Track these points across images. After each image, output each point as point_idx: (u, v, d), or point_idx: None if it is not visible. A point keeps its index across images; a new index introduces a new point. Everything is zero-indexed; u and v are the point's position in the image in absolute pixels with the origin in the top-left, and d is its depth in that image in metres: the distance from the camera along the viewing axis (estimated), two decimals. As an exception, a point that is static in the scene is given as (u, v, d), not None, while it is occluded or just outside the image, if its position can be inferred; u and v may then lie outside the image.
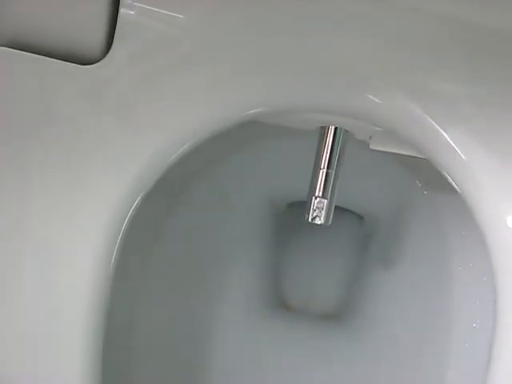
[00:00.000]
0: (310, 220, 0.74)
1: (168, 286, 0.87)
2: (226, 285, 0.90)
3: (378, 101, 0.65)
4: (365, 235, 0.94)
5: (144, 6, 0.67)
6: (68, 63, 0.66)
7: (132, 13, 0.67)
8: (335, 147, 0.74)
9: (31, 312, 0.65)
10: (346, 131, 0.74)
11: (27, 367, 0.65)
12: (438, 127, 0.64)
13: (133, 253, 0.74)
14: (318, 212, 0.73)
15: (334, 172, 0.74)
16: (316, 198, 0.74)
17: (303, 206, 0.94)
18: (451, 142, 0.64)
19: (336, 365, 0.90)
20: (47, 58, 0.66)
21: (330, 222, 0.74)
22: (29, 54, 0.67)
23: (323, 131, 0.74)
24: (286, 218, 0.96)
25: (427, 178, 0.86)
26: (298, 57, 0.66)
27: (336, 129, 0.73)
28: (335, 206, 0.92)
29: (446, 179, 0.67)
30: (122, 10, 0.66)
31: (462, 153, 0.64)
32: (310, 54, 0.66)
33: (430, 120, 0.64)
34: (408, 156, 0.74)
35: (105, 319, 0.65)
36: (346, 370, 0.89)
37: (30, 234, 0.65)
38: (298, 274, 0.95)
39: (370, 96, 0.65)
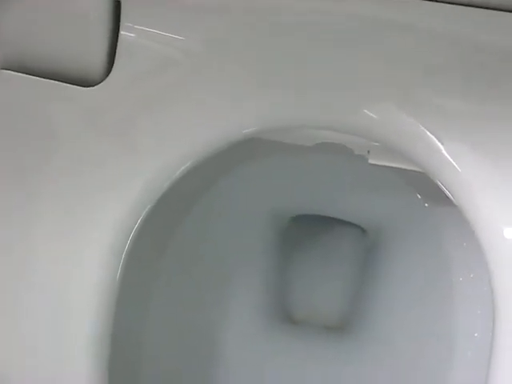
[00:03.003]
0: None
1: (172, 301, 0.88)
2: (231, 299, 0.91)
3: (374, 116, 0.66)
4: (367, 247, 0.95)
5: (144, 28, 0.68)
6: (69, 85, 0.68)
7: (132, 35, 0.68)
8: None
9: (36, 323, 0.66)
10: (345, 146, 0.75)
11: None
12: (433, 140, 0.65)
13: (137, 270, 0.75)
14: None
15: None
16: None
17: (306, 219, 0.96)
18: (447, 155, 0.65)
19: (338, 374, 0.90)
20: (48, 81, 0.68)
21: None
22: (30, 76, 0.68)
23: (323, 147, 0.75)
24: (290, 232, 0.96)
25: (427, 191, 0.87)
26: (294, 75, 0.67)
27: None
28: (337, 220, 0.93)
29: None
30: (122, 33, 0.68)
31: (457, 165, 0.64)
32: (306, 71, 0.67)
33: (426, 133, 0.65)
34: (407, 169, 0.75)
35: (109, 336, 0.66)
36: (348, 379, 0.90)
37: (35, 252, 0.66)
38: (302, 286, 0.95)
39: (366, 111, 0.66)
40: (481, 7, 0.66)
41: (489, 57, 0.66)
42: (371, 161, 0.76)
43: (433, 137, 0.65)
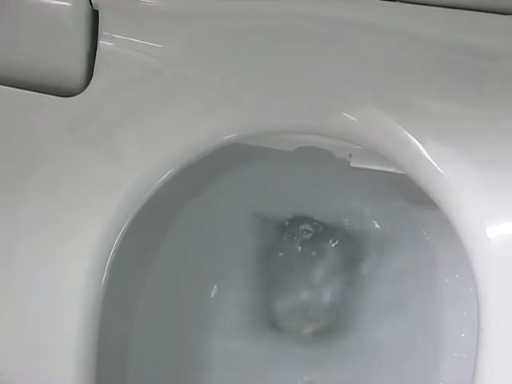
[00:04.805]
0: None
1: (159, 308, 0.89)
2: (216, 306, 0.91)
3: (354, 119, 0.66)
4: (352, 250, 0.95)
5: (122, 36, 0.68)
6: (49, 96, 0.68)
7: (111, 44, 0.68)
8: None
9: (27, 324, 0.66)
10: (327, 150, 0.75)
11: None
12: (415, 142, 0.65)
13: (122, 279, 0.75)
14: None
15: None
16: None
17: (291, 224, 0.96)
18: (428, 157, 0.65)
19: (326, 380, 0.90)
20: (28, 92, 0.68)
21: None
22: (9, 88, 0.68)
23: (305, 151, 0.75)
24: (275, 237, 0.96)
25: (411, 193, 0.87)
26: (274, 80, 0.67)
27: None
28: (322, 224, 0.93)
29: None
30: (100, 42, 0.68)
31: (439, 167, 0.65)
32: (285, 76, 0.67)
33: (408, 135, 0.65)
34: (389, 172, 0.75)
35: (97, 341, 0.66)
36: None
37: (19, 260, 0.66)
38: (287, 292, 0.95)
39: (346, 114, 0.66)
40: (462, 8, 0.66)
41: (471, 58, 0.66)
42: (353, 164, 0.76)
43: (414, 139, 0.65)
